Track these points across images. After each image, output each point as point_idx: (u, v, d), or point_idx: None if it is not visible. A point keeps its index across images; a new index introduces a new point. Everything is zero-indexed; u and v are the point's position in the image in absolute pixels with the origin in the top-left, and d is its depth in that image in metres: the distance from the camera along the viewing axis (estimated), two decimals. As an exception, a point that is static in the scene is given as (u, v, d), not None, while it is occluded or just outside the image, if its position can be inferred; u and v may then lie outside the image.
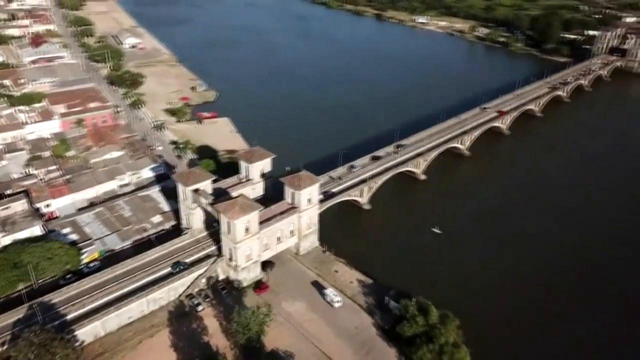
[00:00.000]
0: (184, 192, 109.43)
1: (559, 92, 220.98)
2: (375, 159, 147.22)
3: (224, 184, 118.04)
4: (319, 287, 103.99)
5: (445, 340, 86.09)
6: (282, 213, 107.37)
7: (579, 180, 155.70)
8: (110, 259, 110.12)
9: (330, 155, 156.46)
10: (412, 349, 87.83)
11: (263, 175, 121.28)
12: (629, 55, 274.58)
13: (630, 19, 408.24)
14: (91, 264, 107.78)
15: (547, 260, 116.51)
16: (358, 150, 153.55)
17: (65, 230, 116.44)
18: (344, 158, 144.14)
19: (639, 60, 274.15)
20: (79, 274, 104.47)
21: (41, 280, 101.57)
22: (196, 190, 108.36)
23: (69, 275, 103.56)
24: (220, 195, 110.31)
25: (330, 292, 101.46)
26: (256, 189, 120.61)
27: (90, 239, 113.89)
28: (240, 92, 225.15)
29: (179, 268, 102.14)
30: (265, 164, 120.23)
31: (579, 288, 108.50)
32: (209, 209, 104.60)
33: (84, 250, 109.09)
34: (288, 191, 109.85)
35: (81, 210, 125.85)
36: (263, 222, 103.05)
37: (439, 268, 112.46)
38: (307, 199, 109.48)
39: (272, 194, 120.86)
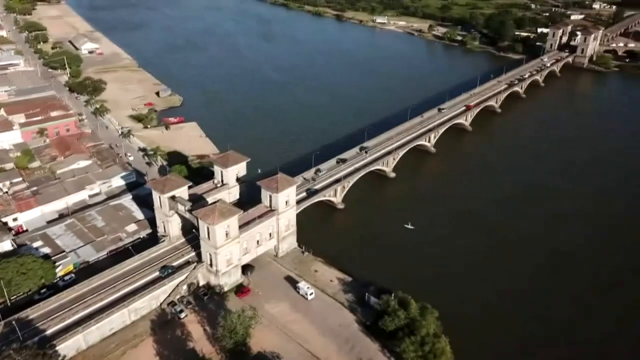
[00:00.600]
0: (160, 199, 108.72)
1: (516, 88, 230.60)
2: (341, 161, 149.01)
3: (199, 189, 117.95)
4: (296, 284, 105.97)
5: (427, 331, 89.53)
6: (260, 216, 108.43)
7: (539, 171, 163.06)
8: (86, 270, 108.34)
9: (302, 157, 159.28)
10: (394, 342, 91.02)
11: (238, 179, 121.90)
12: (578, 51, 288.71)
13: (575, 17, 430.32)
14: (66, 277, 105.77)
15: (515, 250, 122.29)
16: (328, 151, 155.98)
17: (36, 244, 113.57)
18: (317, 159, 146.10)
19: (586, 56, 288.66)
20: (54, 288, 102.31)
21: (14, 297, 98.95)
22: (173, 197, 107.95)
23: (43, 290, 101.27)
24: (197, 201, 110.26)
25: (303, 285, 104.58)
26: (232, 193, 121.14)
27: (63, 252, 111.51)
28: (206, 96, 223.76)
29: (167, 272, 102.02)
30: (240, 168, 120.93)
31: (547, 274, 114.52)
32: (188, 215, 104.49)
33: (58, 263, 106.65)
34: (265, 194, 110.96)
35: (51, 222, 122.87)
36: (242, 226, 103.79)
37: (414, 262, 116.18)
38: (285, 201, 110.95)
39: (247, 198, 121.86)
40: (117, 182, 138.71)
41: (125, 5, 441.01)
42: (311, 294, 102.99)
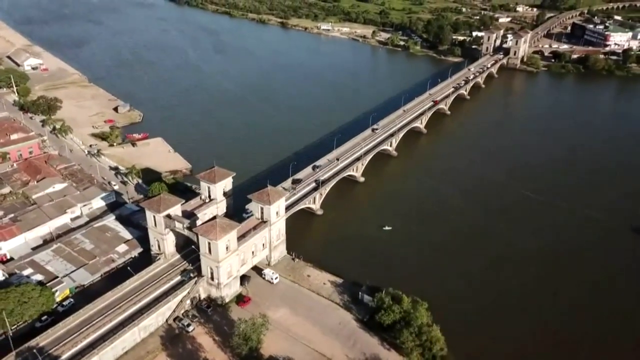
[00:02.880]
0: (155, 219, 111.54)
1: (462, 91, 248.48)
2: (315, 167, 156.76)
3: (188, 206, 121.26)
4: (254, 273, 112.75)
5: (421, 322, 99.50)
6: (254, 228, 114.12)
7: (491, 169, 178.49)
8: (83, 294, 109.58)
9: (273, 167, 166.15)
10: (392, 334, 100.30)
11: (225, 194, 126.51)
12: (511, 53, 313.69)
13: (503, 19, 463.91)
14: (65, 302, 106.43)
15: (478, 241, 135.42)
16: (300, 161, 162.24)
17: (27, 272, 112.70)
18: (291, 169, 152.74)
19: (518, 57, 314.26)
20: (54, 314, 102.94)
21: (14, 327, 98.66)
22: (168, 216, 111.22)
23: (44, 317, 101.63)
24: (189, 217, 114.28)
25: (267, 271, 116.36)
26: (220, 208, 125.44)
27: (57, 277, 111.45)
28: (166, 111, 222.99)
29: (189, 275, 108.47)
30: (227, 183, 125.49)
31: (503, 261, 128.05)
32: (187, 232, 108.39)
33: (54, 289, 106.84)
34: (257, 206, 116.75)
35: (36, 249, 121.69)
36: (239, 239, 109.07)
37: (397, 260, 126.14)
38: (276, 212, 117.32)
39: (233, 211, 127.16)
40: (98, 203, 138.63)
41: (64, 19, 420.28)
42: (276, 278, 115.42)
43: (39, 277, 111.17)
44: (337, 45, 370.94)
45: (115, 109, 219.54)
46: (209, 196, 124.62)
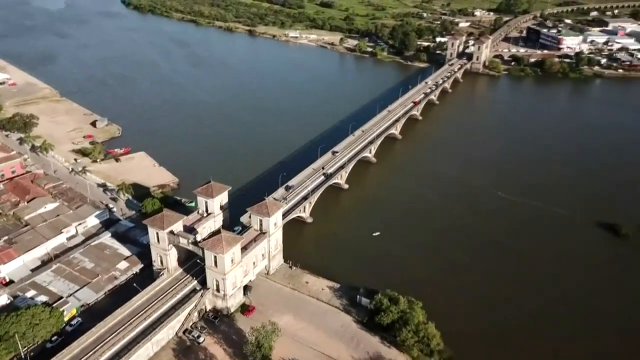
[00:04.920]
0: (159, 235, 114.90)
1: (432, 96, 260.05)
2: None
3: (187, 221, 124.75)
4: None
5: (418, 320, 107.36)
6: (255, 239, 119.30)
7: (465, 171, 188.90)
8: (89, 312, 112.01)
9: (260, 177, 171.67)
10: (392, 333, 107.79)
11: (221, 207, 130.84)
12: (474, 58, 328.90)
13: (463, 24, 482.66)
14: (72, 322, 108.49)
15: (462, 237, 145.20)
16: (293, 168, 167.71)
17: (30, 294, 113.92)
18: (282, 179, 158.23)
19: (480, 62, 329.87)
20: (63, 334, 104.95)
21: (26, 349, 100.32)
22: (171, 232, 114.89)
23: (54, 337, 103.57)
24: (190, 232, 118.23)
25: None
26: (217, 222, 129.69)
27: (62, 298, 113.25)
28: (145, 124, 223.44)
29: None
30: (223, 197, 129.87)
31: (487, 255, 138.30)
32: (191, 247, 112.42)
33: (61, 309, 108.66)
34: (256, 218, 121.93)
35: (35, 270, 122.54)
36: (242, 251, 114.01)
37: (388, 263, 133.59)
38: (274, 223, 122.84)
39: (229, 224, 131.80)
40: (92, 221, 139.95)
41: (27, 31, 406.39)
42: None
43: (43, 298, 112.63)
44: (306, 53, 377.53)
45: (93, 124, 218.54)
46: (207, 210, 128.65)
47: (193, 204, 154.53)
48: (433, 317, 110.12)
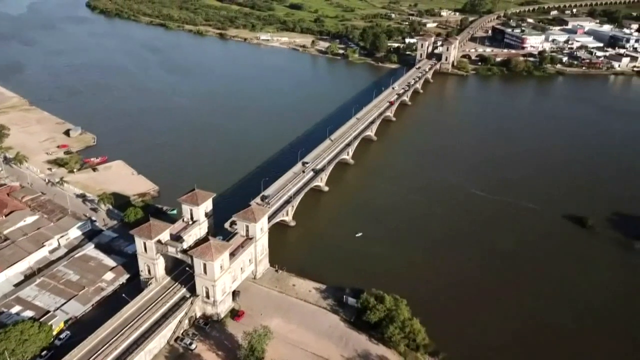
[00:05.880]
0: (146, 245, 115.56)
1: (404, 97, 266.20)
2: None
3: (173, 229, 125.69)
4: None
5: (403, 317, 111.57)
6: (242, 245, 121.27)
7: (440, 170, 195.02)
8: (77, 325, 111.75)
9: (240, 183, 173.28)
10: (379, 330, 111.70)
11: (206, 214, 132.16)
12: (443, 58, 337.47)
13: (430, 25, 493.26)
14: (61, 335, 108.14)
15: (444, 237, 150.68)
16: (266, 175, 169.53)
17: (15, 309, 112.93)
18: (264, 184, 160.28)
19: (449, 62, 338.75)
20: (52, 348, 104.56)
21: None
22: (159, 241, 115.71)
23: (44, 352, 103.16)
24: (176, 240, 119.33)
25: None
26: (202, 229, 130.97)
27: (48, 312, 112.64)
28: (121, 132, 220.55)
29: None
30: (208, 204, 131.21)
31: (469, 253, 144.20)
32: (180, 255, 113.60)
33: (50, 324, 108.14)
34: (242, 224, 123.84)
35: (18, 285, 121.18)
36: (230, 257, 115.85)
37: (372, 263, 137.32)
38: (260, 229, 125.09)
39: (214, 230, 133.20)
40: (74, 233, 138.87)
41: None
42: None
43: (29, 313, 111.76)
44: (279, 56, 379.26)
45: (67, 133, 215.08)
46: (192, 218, 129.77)
47: (175, 212, 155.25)
48: (417, 313, 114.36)
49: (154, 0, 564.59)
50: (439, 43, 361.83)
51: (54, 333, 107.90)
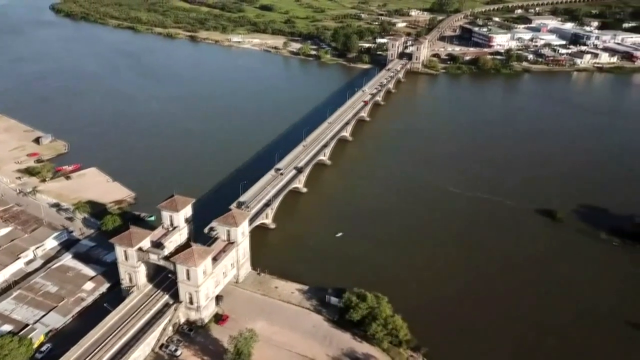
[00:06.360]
0: (127, 253, 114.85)
1: (377, 98, 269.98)
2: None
3: (153, 236, 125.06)
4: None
5: (385, 314, 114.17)
6: (224, 250, 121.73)
7: (415, 168, 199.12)
8: (58, 337, 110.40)
9: (218, 187, 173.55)
10: (362, 328, 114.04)
11: (186, 220, 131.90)
12: (413, 58, 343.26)
13: (400, 24, 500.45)
14: (42, 348, 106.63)
15: (419, 233, 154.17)
16: (245, 178, 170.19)
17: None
18: (235, 187, 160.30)
19: (420, 62, 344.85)
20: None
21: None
22: (139, 249, 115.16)
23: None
24: (157, 247, 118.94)
25: None
26: (182, 235, 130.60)
27: (27, 325, 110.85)
28: (94, 139, 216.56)
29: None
30: (187, 210, 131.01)
31: (440, 248, 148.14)
32: (162, 262, 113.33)
33: (29, 337, 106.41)
34: (223, 229, 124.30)
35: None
36: (213, 262, 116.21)
37: (353, 262, 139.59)
38: (242, 233, 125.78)
39: (195, 236, 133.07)
40: (51, 243, 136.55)
41: None
42: None
43: (7, 327, 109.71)
44: (251, 58, 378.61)
45: (37, 141, 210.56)
46: (172, 224, 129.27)
47: (153, 218, 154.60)
48: (399, 309, 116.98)
49: (121, 3, 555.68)
50: (410, 43, 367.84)
51: (35, 346, 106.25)
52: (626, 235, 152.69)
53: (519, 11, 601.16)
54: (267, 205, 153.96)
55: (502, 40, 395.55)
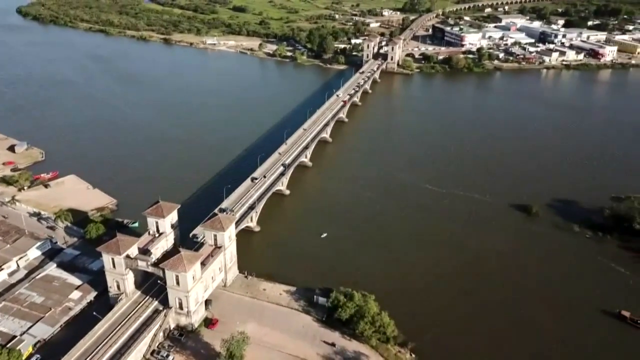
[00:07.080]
0: (115, 261, 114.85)
1: (355, 99, 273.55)
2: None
3: (140, 243, 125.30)
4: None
5: (373, 312, 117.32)
6: (212, 254, 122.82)
7: (395, 168, 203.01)
8: (46, 348, 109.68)
9: (200, 191, 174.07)
10: (350, 326, 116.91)
11: (172, 226, 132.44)
12: (388, 58, 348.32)
13: (374, 24, 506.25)
14: (32, 359, 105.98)
15: (401, 231, 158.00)
16: (228, 182, 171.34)
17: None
18: (226, 192, 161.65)
19: (395, 62, 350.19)
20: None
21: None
22: (127, 256, 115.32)
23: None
24: (144, 254, 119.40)
25: None
26: (169, 240, 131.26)
27: (15, 337, 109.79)
28: (71, 146, 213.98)
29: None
30: (173, 216, 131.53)
31: (422, 247, 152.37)
32: (151, 269, 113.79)
33: (18, 348, 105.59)
34: (210, 234, 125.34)
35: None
36: (202, 267, 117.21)
37: (339, 262, 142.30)
38: (229, 237, 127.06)
39: (180, 241, 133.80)
40: (34, 253, 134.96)
41: None
42: None
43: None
44: (227, 60, 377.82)
45: (11, 149, 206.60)
46: (158, 230, 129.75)
47: (137, 225, 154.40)
48: (385, 307, 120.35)
49: (91, 5, 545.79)
50: (384, 43, 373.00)
51: (24, 358, 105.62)
52: (597, 227, 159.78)
53: (489, 10, 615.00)
54: (251, 208, 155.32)
55: (473, 39, 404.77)
